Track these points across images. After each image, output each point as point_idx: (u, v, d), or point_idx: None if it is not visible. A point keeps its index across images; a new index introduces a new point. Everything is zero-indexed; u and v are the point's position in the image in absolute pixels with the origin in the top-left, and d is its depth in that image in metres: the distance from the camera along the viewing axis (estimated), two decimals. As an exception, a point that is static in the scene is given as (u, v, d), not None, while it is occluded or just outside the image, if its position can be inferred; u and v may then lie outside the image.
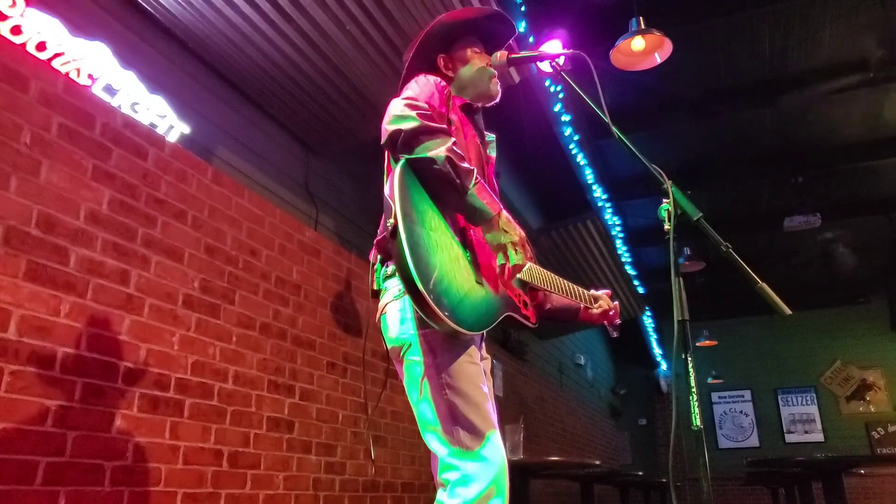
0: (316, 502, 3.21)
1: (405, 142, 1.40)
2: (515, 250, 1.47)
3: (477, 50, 1.81)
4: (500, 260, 1.48)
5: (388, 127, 1.43)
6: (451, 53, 1.81)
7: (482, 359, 1.62)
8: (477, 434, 1.36)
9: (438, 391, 1.40)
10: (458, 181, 1.40)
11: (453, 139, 1.44)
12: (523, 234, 1.51)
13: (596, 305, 1.83)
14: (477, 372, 1.44)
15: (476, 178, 1.44)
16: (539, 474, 4.85)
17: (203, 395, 2.65)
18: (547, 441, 7.45)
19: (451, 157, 1.40)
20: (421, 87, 1.56)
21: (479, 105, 1.83)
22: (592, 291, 1.85)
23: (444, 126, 1.47)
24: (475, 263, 1.48)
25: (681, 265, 6.54)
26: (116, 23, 2.78)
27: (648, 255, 9.01)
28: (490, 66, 1.79)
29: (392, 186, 1.37)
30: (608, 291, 1.88)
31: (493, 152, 1.83)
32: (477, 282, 1.46)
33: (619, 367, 12.40)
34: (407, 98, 1.47)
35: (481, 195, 1.44)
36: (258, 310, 3.07)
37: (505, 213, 1.49)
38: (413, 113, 1.41)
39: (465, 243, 1.49)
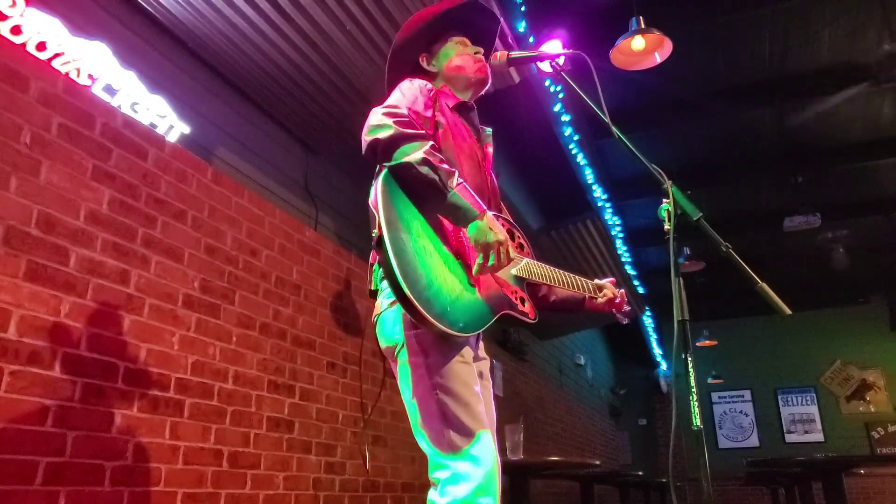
0: (316, 502, 3.21)
1: (384, 150, 1.41)
2: (497, 252, 1.42)
3: (457, 40, 1.81)
4: (480, 259, 1.43)
5: (366, 138, 1.44)
6: (431, 50, 1.82)
7: (479, 359, 1.62)
8: (467, 434, 1.36)
9: (430, 391, 1.40)
10: (438, 181, 1.40)
11: (431, 142, 1.44)
12: (507, 236, 1.47)
13: (601, 294, 1.82)
14: (469, 372, 1.44)
15: (458, 180, 1.43)
16: (539, 474, 4.86)
17: (203, 395, 2.65)
18: (547, 441, 7.45)
19: (428, 158, 1.39)
20: (404, 93, 1.58)
21: (473, 102, 1.83)
22: (596, 281, 1.85)
23: (422, 131, 1.46)
24: (465, 266, 1.48)
25: (681, 265, 6.54)
26: (116, 23, 2.78)
27: (648, 255, 9.01)
28: (477, 54, 1.80)
29: (375, 196, 1.38)
30: (612, 279, 1.87)
31: (490, 147, 1.83)
32: (469, 284, 1.46)
33: (619, 367, 12.40)
34: (386, 107, 1.48)
35: (464, 195, 1.42)
36: (258, 310, 3.07)
37: (489, 214, 1.45)
38: (390, 121, 1.42)
39: (454, 247, 1.49)
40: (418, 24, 1.80)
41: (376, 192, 1.39)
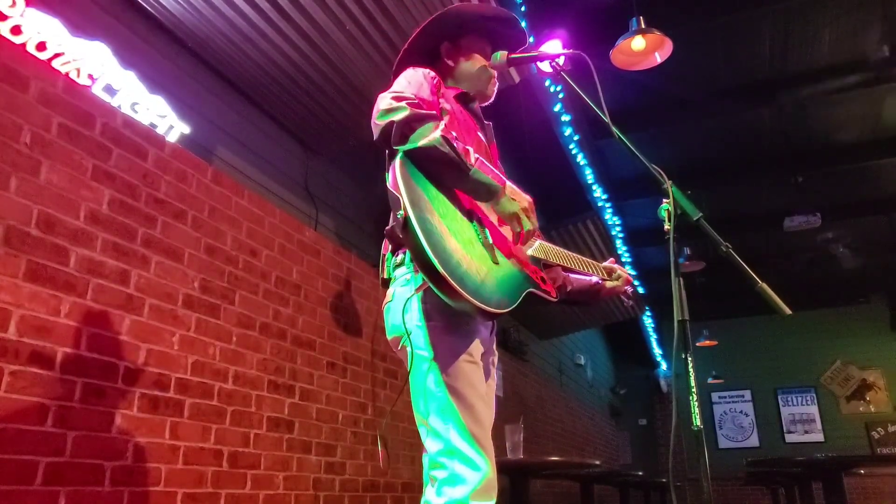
0: (316, 502, 3.21)
1: (399, 133, 1.40)
2: (528, 216, 1.49)
3: (482, 49, 1.82)
4: (515, 228, 1.51)
5: (378, 122, 1.43)
6: (456, 44, 1.82)
7: (491, 353, 1.62)
8: (468, 437, 1.35)
9: (434, 387, 1.39)
10: (458, 160, 1.40)
11: (444, 121, 1.45)
12: (531, 199, 1.52)
13: (615, 276, 1.87)
14: (475, 372, 1.43)
15: (475, 156, 1.44)
16: (539, 474, 4.85)
17: (203, 395, 2.65)
18: (547, 441, 7.45)
19: (446, 136, 1.40)
20: (409, 79, 1.57)
21: (475, 95, 1.84)
22: (605, 263, 1.88)
23: (434, 112, 1.47)
24: (488, 244, 1.49)
25: (681, 265, 6.53)
26: (116, 23, 2.78)
27: (648, 255, 9.01)
28: (491, 67, 1.80)
29: (395, 178, 1.36)
30: (612, 259, 1.92)
31: (492, 138, 1.85)
32: (494, 262, 1.46)
33: (619, 367, 12.40)
34: (394, 91, 1.47)
35: (484, 170, 1.45)
36: (258, 310, 3.07)
37: (510, 184, 1.50)
38: (402, 103, 1.42)
39: (477, 226, 1.50)
40: (457, 14, 1.80)
41: (395, 174, 1.37)
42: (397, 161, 1.39)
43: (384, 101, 1.44)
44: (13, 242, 2.03)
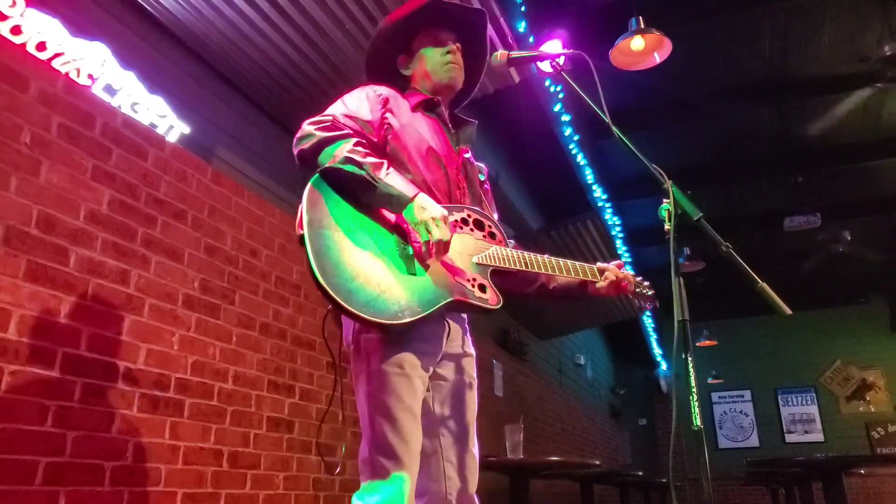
0: (316, 502, 3.21)
1: (311, 158, 1.47)
2: (435, 228, 1.43)
3: (431, 35, 1.77)
4: (423, 237, 1.44)
5: (294, 150, 1.50)
6: (409, 50, 1.82)
7: (465, 355, 1.60)
8: (387, 448, 1.38)
9: (364, 398, 1.44)
10: (365, 176, 1.43)
11: (355, 139, 1.48)
12: (444, 212, 1.46)
13: (602, 278, 1.72)
14: (403, 384, 1.41)
15: (387, 171, 1.46)
16: (539, 474, 4.85)
17: (203, 395, 2.65)
18: (547, 441, 7.45)
19: (350, 156, 1.43)
20: (346, 102, 1.61)
21: (439, 98, 1.76)
22: (599, 264, 1.75)
23: (346, 130, 1.50)
24: (407, 256, 1.47)
25: (681, 265, 6.52)
26: (116, 23, 2.78)
27: (648, 255, 9.00)
28: (450, 52, 1.74)
29: (302, 200, 1.42)
30: (619, 262, 1.79)
31: (467, 142, 1.79)
32: (410, 272, 1.44)
33: (619, 367, 12.40)
34: (316, 116, 1.52)
35: (394, 183, 1.45)
36: (258, 310, 3.07)
37: (423, 196, 1.46)
38: (312, 128, 1.48)
39: (398, 237, 1.50)
40: (388, 27, 1.80)
41: (304, 196, 1.42)
42: (309, 184, 1.45)
43: (301, 128, 1.50)
44: (13, 242, 2.03)
